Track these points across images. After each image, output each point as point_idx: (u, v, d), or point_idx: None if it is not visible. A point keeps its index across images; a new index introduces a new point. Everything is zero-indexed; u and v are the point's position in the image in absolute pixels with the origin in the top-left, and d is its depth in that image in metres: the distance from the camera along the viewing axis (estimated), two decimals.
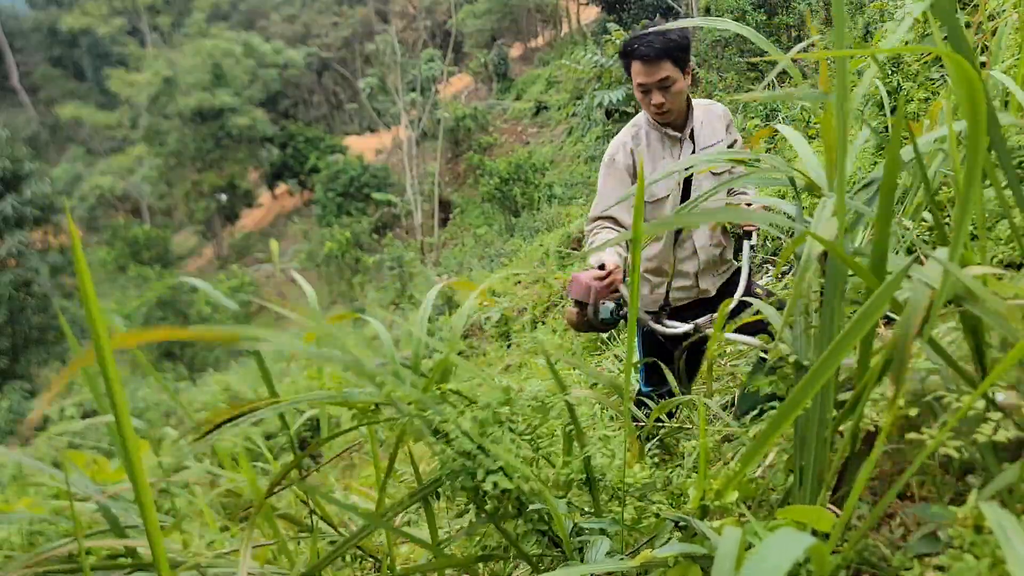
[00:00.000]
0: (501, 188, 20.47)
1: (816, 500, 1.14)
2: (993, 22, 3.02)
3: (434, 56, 31.08)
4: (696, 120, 2.55)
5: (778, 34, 10.51)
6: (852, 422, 1.13)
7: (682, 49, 2.41)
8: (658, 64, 2.39)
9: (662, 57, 2.38)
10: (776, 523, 1.06)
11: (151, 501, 0.95)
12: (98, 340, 0.90)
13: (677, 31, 2.40)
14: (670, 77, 2.41)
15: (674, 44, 2.38)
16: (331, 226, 26.08)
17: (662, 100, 2.44)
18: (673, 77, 2.41)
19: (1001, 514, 0.83)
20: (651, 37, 2.39)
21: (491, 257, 17.81)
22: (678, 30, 2.41)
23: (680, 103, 2.48)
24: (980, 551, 0.93)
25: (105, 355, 0.92)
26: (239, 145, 38.79)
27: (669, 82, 2.41)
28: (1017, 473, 1.00)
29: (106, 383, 0.92)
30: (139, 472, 0.95)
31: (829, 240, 1.07)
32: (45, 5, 53.68)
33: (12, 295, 22.03)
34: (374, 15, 44.75)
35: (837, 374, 1.18)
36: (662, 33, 2.38)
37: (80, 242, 0.88)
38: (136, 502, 0.97)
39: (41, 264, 23.65)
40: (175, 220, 44.95)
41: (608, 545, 1.30)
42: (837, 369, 1.08)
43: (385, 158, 37.60)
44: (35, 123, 48.72)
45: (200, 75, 37.83)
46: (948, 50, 1.05)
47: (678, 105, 2.48)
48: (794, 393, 0.99)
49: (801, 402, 0.99)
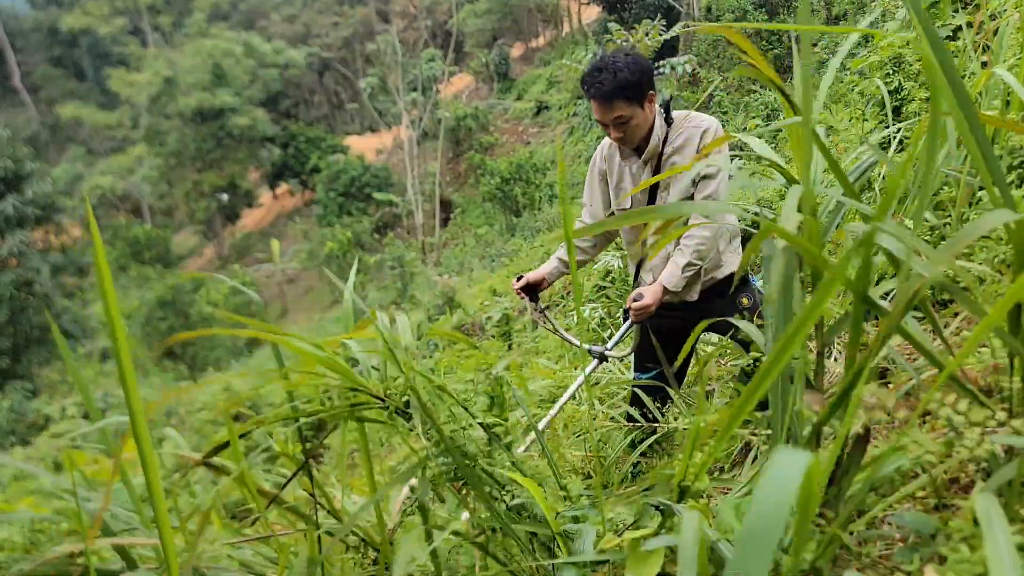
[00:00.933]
0: (502, 188, 20.48)
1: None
2: (995, 22, 3.02)
3: (435, 56, 31.09)
4: (669, 144, 2.53)
5: (779, 34, 10.50)
6: (840, 422, 1.13)
7: (634, 86, 2.38)
8: (611, 104, 2.39)
9: (613, 98, 2.38)
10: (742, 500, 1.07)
11: (163, 504, 0.95)
12: (116, 341, 0.91)
13: (632, 65, 2.37)
14: (623, 115, 2.41)
15: (624, 83, 2.36)
16: (332, 226, 26.10)
17: (620, 135, 2.47)
18: (627, 115, 2.41)
19: (990, 504, 0.84)
20: (603, 76, 2.37)
21: (492, 257, 17.82)
22: (633, 64, 2.38)
23: (639, 134, 2.48)
24: (977, 543, 0.94)
25: (123, 357, 0.92)
26: (240, 145, 38.81)
27: (623, 119, 2.42)
28: (1016, 469, 1.00)
29: (123, 384, 0.92)
30: (154, 475, 0.95)
31: (785, 229, 1.07)
32: (46, 5, 53.70)
33: (13, 295, 22.05)
34: (375, 15, 44.75)
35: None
36: (614, 71, 2.35)
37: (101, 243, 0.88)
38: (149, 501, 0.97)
39: (42, 264, 23.67)
40: (176, 220, 44.99)
41: (594, 533, 1.31)
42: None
43: (386, 158, 37.61)
44: (36, 123, 48.76)
45: (201, 75, 37.86)
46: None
47: (638, 136, 2.49)
48: (752, 383, 1.00)
49: (759, 390, 1.00)
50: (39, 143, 43.59)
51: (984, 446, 1.01)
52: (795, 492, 0.58)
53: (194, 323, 23.45)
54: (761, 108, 7.69)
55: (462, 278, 14.46)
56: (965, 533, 0.98)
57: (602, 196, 2.75)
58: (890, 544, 1.26)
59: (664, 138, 2.53)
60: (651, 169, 2.56)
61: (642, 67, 2.42)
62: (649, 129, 2.50)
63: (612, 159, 2.68)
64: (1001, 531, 0.81)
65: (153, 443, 1.73)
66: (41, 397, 19.53)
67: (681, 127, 2.52)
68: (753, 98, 8.45)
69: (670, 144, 2.53)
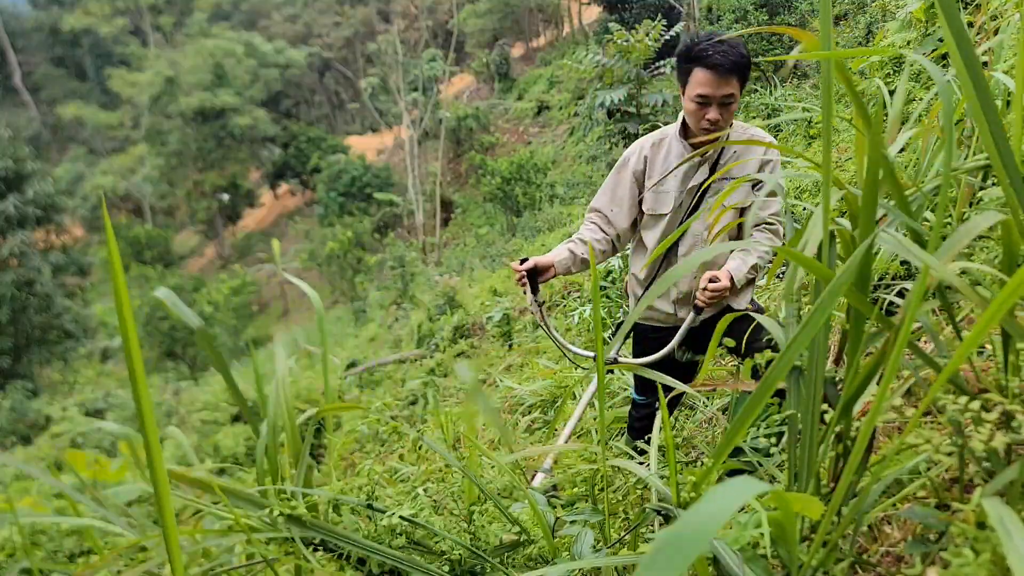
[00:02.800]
0: (503, 188, 20.46)
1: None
2: (995, 22, 3.02)
3: (436, 56, 31.07)
4: (729, 147, 2.36)
5: (779, 34, 10.50)
6: (845, 423, 1.14)
7: (748, 68, 2.24)
8: (728, 78, 2.20)
9: (733, 72, 2.20)
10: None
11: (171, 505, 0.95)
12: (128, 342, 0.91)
13: (743, 46, 2.23)
14: (734, 95, 2.24)
15: (744, 61, 2.21)
16: (333, 226, 26.11)
17: (718, 116, 2.27)
18: (736, 95, 2.25)
19: (1002, 510, 0.84)
20: (724, 47, 2.18)
21: (493, 257, 17.81)
22: (742, 45, 2.24)
23: (730, 123, 2.32)
24: (981, 547, 0.94)
25: (135, 357, 0.92)
26: (241, 145, 38.82)
27: (732, 99, 2.25)
28: (1018, 471, 1.00)
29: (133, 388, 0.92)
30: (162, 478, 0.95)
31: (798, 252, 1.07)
32: (47, 5, 53.70)
33: (14, 295, 22.05)
34: (376, 15, 44.74)
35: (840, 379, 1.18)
36: (733, 45, 2.19)
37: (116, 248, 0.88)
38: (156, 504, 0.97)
39: (43, 264, 23.67)
40: (177, 220, 44.99)
41: (592, 536, 1.31)
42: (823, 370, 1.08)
43: (387, 158, 37.61)
44: (37, 123, 48.78)
45: (202, 75, 37.87)
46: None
47: (729, 123, 2.32)
48: (759, 387, 1.00)
49: (766, 393, 1.00)
50: (40, 143, 43.62)
51: (995, 441, 1.01)
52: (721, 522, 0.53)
53: None
54: (762, 108, 7.68)
55: (463, 278, 14.46)
56: (968, 536, 0.97)
57: (631, 199, 2.51)
58: (893, 544, 1.25)
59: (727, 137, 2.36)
60: (709, 167, 2.39)
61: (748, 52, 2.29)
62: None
63: (654, 160, 2.46)
64: (1019, 534, 0.80)
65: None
66: (42, 397, 19.54)
67: (741, 131, 2.37)
68: (754, 98, 8.44)
69: (730, 146, 2.36)
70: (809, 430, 1.15)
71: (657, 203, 2.45)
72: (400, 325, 12.68)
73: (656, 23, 10.40)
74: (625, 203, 2.51)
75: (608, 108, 10.07)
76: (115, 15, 47.83)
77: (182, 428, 10.93)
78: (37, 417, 16.99)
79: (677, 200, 2.42)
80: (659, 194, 2.45)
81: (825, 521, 0.98)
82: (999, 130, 1.08)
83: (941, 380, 0.95)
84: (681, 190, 2.41)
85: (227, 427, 9.36)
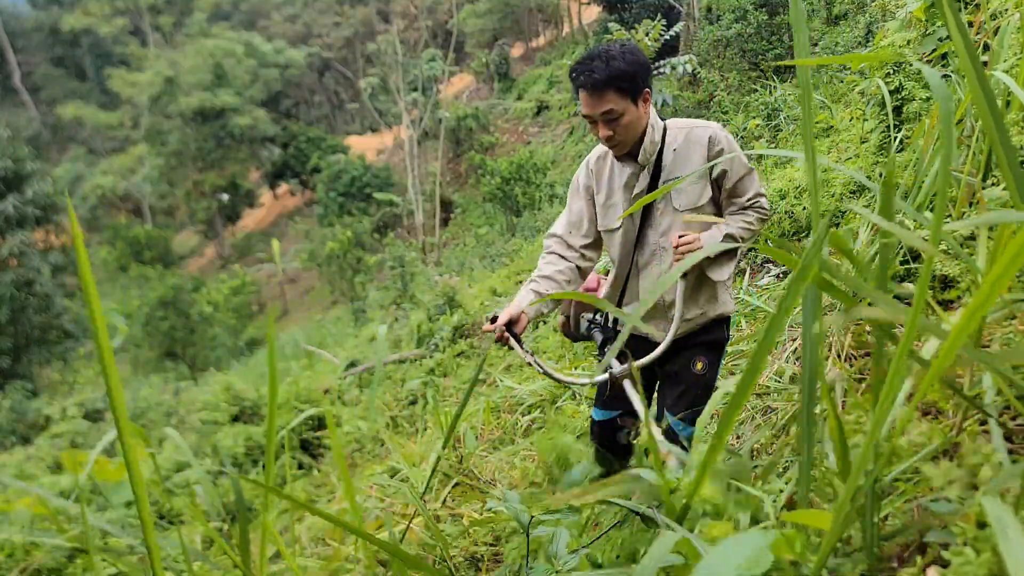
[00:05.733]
0: (502, 188, 20.47)
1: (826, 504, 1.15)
2: (995, 21, 3.02)
3: (435, 56, 31.06)
4: (668, 147, 2.28)
5: (780, 33, 10.50)
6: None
7: (629, 78, 2.15)
8: (601, 95, 2.16)
9: (605, 88, 2.15)
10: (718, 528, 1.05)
11: (147, 507, 0.95)
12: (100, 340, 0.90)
13: (628, 56, 2.15)
14: (614, 110, 2.17)
15: (619, 73, 2.13)
16: (333, 226, 26.09)
17: (609, 132, 2.22)
18: (619, 109, 2.17)
19: (1001, 509, 0.84)
20: (596, 64, 2.15)
21: (492, 257, 17.81)
22: (629, 54, 2.16)
23: (632, 134, 2.24)
24: (982, 546, 0.94)
25: (106, 355, 0.92)
26: (240, 145, 38.81)
27: (614, 115, 2.18)
28: (1020, 471, 1.00)
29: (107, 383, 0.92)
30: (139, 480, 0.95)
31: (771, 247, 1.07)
32: (47, 5, 53.70)
33: (14, 295, 22.05)
34: (375, 15, 44.74)
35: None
36: (608, 59, 2.14)
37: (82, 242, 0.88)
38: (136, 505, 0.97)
39: (43, 264, 23.66)
40: (177, 220, 45.01)
41: (568, 535, 1.30)
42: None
43: (386, 158, 37.60)
44: (37, 123, 48.76)
45: (201, 75, 37.85)
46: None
47: (630, 136, 2.24)
48: (740, 383, 1.00)
49: (747, 390, 1.00)
50: (40, 143, 43.59)
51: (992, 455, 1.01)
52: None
53: (194, 323, 23.46)
54: (762, 108, 7.67)
55: (463, 278, 14.46)
56: (968, 536, 0.97)
57: (589, 217, 2.46)
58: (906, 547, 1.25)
59: (662, 140, 2.28)
60: (649, 173, 2.31)
61: (639, 59, 2.19)
62: (643, 132, 2.26)
63: (600, 173, 2.43)
64: (1016, 534, 0.80)
65: (153, 443, 1.73)
66: (42, 397, 19.53)
67: (679, 130, 2.29)
68: (754, 98, 8.43)
69: (669, 147, 2.28)
70: (807, 429, 1.15)
71: (607, 218, 2.41)
72: (400, 325, 12.68)
73: (656, 23, 10.40)
74: (584, 223, 2.46)
75: None
76: (115, 15, 47.81)
77: (182, 428, 10.93)
78: (37, 417, 16.98)
79: (625, 210, 2.37)
80: (608, 208, 2.41)
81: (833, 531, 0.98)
82: (1003, 130, 1.08)
83: (928, 380, 0.94)
84: (627, 201, 2.36)
85: (227, 427, 9.35)
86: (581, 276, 2.48)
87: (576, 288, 2.45)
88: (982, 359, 1.07)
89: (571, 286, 2.41)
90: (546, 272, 2.40)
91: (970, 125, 2.38)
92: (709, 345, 2.40)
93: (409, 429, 7.48)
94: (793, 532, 0.97)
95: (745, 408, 2.81)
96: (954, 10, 1.08)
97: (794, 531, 0.96)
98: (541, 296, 2.32)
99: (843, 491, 0.96)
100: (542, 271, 2.41)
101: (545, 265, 2.43)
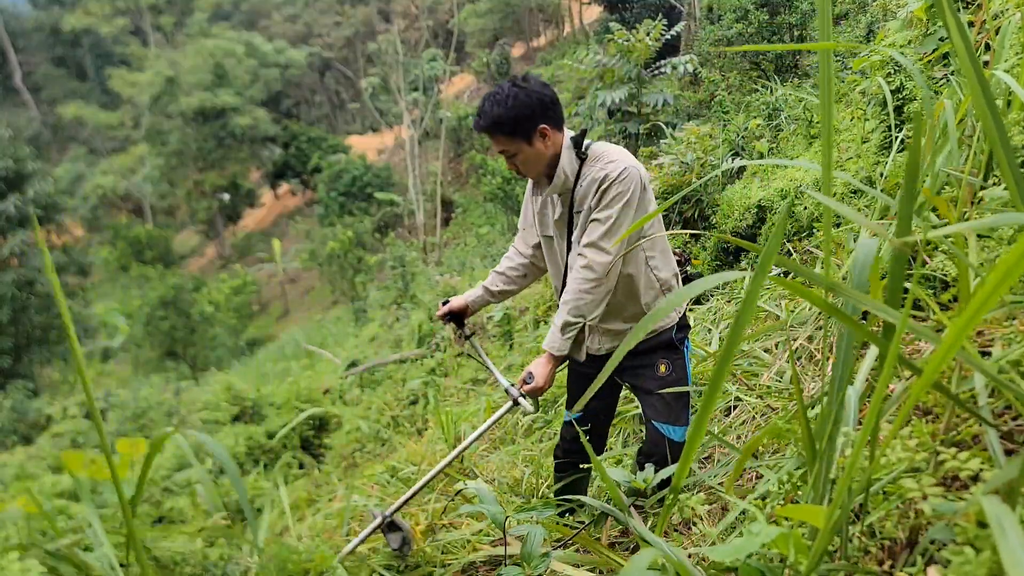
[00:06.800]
0: (503, 187, 20.45)
1: (823, 500, 1.15)
2: (996, 21, 3.01)
3: (436, 56, 31.05)
4: (583, 177, 2.30)
5: (780, 33, 10.48)
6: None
7: (511, 122, 2.18)
8: (492, 137, 2.23)
9: (490, 132, 2.22)
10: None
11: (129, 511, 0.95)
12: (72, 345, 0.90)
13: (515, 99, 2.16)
14: (506, 150, 2.24)
15: (499, 120, 2.18)
16: (333, 225, 26.08)
17: (514, 166, 2.31)
18: (510, 150, 2.23)
19: (1000, 508, 0.83)
20: (484, 108, 2.20)
21: (493, 256, 17.81)
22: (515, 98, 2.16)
23: (534, 168, 2.31)
24: (983, 544, 0.94)
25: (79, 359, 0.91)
26: (241, 145, 38.80)
27: (508, 153, 2.25)
28: (1018, 468, 1.00)
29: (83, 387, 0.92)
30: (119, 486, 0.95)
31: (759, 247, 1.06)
32: (47, 5, 53.71)
33: (15, 295, 22.06)
34: (376, 15, 44.75)
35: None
36: (494, 104, 2.18)
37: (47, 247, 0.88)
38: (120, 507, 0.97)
39: (43, 263, 23.66)
40: (177, 220, 45.02)
41: (542, 533, 1.31)
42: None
43: (387, 158, 37.62)
44: (37, 123, 48.78)
45: (202, 75, 37.85)
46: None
47: (532, 170, 2.32)
48: (708, 388, 1.02)
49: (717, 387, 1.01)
50: (41, 143, 43.61)
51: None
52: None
53: (195, 322, 23.47)
54: (763, 108, 7.66)
55: (463, 278, 14.45)
56: (968, 535, 0.97)
57: (532, 222, 2.62)
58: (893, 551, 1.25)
59: (577, 174, 2.32)
60: (563, 204, 2.39)
61: (529, 100, 2.19)
62: (550, 163, 2.30)
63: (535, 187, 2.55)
64: (1015, 533, 0.80)
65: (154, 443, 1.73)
66: (43, 397, 19.54)
67: (592, 166, 2.30)
68: (755, 98, 8.43)
69: (584, 177, 2.30)
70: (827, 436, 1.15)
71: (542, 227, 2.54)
72: (401, 325, 12.67)
73: (657, 23, 10.39)
74: (530, 228, 2.64)
75: (609, 108, 10.06)
76: (115, 15, 47.82)
77: (182, 428, 10.94)
78: (37, 417, 16.99)
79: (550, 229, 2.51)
80: (538, 218, 2.55)
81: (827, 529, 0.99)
82: (1003, 130, 1.08)
83: (921, 385, 0.94)
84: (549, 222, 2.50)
85: (227, 427, 9.36)
86: (536, 271, 2.71)
87: (530, 281, 2.74)
88: (979, 366, 1.07)
89: (525, 279, 2.71)
90: (501, 268, 2.71)
91: (971, 125, 2.38)
92: (666, 346, 2.44)
93: (410, 429, 7.48)
94: (795, 532, 0.97)
95: (745, 408, 2.81)
96: (953, 10, 1.08)
97: (795, 530, 0.96)
98: (491, 293, 2.66)
99: (836, 492, 0.96)
100: (499, 266, 2.71)
101: (504, 260, 2.71)
